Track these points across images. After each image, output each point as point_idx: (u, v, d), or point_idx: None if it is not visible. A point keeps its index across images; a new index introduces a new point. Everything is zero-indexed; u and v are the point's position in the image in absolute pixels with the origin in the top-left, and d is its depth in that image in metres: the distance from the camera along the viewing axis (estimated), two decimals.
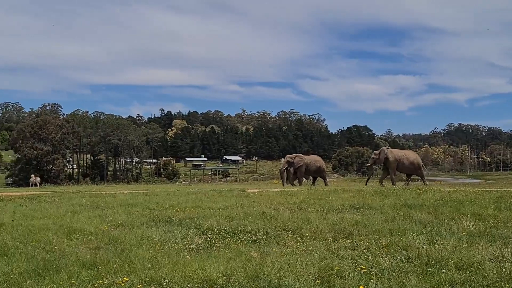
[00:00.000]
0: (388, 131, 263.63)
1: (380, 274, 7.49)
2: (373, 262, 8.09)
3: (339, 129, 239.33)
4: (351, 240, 10.13)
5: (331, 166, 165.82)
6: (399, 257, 8.47)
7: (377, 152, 36.61)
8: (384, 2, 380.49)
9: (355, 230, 11.18)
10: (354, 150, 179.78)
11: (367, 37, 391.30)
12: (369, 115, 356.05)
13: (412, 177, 37.29)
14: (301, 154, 42.87)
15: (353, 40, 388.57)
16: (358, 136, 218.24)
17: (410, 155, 36.54)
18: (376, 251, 8.95)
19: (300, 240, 10.35)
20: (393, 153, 35.42)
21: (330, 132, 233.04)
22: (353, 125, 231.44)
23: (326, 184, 38.78)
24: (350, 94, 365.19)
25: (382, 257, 8.47)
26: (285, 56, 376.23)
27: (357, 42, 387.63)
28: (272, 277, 7.29)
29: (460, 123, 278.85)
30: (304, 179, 43.70)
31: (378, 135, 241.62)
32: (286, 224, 12.29)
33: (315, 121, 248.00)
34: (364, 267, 7.75)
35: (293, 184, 41.09)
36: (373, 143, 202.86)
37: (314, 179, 41.49)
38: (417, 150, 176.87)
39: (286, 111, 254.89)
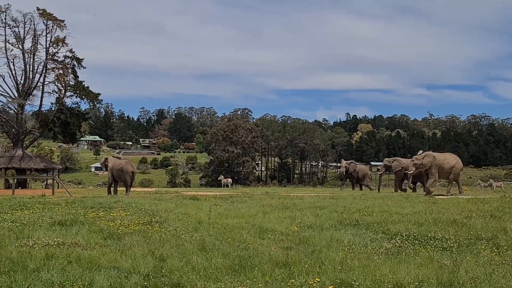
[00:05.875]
0: None
1: None
2: None
3: None
4: None
5: None
6: None
7: (419, 157, 31.58)
8: None
9: None
10: None
11: None
12: None
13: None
14: (400, 158, 41.50)
15: None
16: None
17: (450, 159, 31.79)
18: None
19: (495, 250, 9.92)
20: (435, 157, 31.07)
21: None
22: None
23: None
24: None
25: None
26: (475, 58, 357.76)
27: None
28: (467, 286, 7.07)
29: None
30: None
31: None
32: (479, 232, 11.82)
33: (509, 125, 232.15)
34: None
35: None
36: None
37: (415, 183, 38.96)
38: None
39: (477, 115, 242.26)
